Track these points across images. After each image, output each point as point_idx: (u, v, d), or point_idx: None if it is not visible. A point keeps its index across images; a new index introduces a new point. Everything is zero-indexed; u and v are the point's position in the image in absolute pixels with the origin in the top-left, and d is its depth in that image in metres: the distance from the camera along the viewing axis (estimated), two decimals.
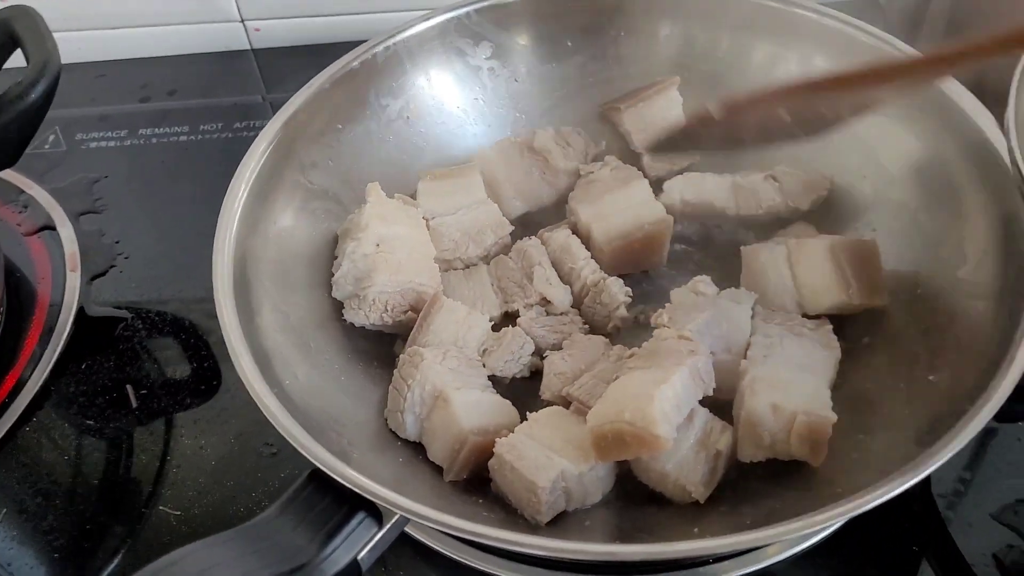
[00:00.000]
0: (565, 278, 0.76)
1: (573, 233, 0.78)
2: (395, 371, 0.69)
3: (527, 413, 0.66)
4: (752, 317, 0.70)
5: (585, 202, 0.79)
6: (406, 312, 0.73)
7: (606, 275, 0.75)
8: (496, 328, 0.74)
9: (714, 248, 0.81)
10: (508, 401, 0.69)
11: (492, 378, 0.71)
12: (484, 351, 0.72)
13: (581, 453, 0.61)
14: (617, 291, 0.73)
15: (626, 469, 0.65)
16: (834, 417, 0.61)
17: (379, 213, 0.74)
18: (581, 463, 0.61)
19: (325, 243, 0.77)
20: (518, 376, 0.72)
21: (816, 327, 0.70)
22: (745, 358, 0.66)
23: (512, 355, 0.71)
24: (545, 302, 0.75)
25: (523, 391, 0.72)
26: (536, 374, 0.72)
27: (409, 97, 0.84)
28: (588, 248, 0.77)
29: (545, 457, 0.61)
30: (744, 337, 0.68)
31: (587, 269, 0.75)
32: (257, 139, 0.74)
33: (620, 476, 0.65)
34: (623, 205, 0.77)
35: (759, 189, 0.78)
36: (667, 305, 0.70)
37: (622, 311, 0.74)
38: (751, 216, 0.79)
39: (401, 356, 0.70)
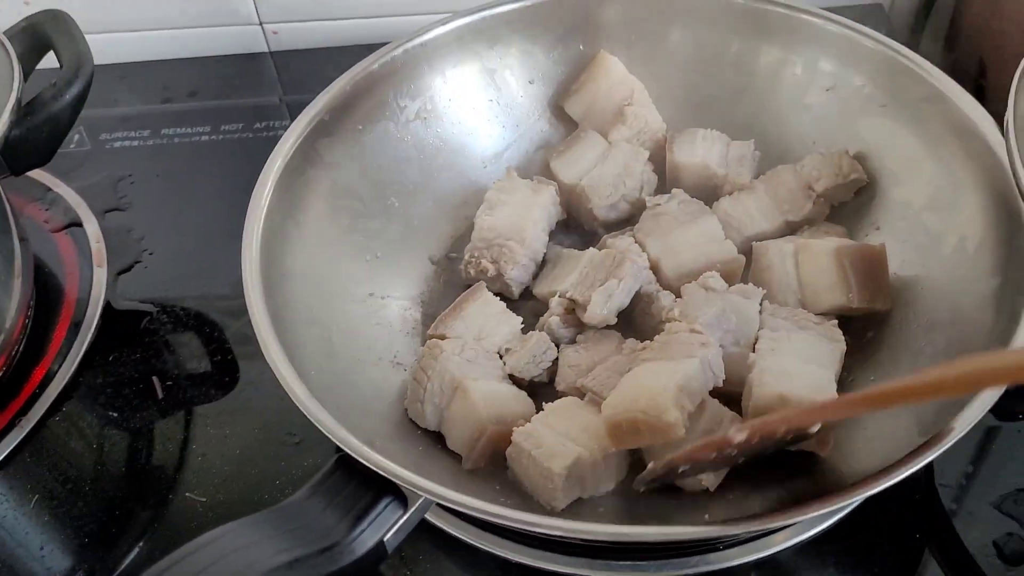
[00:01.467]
0: None
1: None
2: (415, 362, 0.71)
3: (543, 404, 0.68)
4: (760, 312, 0.72)
5: (653, 236, 0.78)
6: (493, 263, 0.78)
7: (659, 287, 0.75)
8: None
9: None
10: (524, 392, 0.71)
11: (511, 377, 0.73)
12: (507, 351, 0.74)
13: (596, 441, 0.63)
14: (666, 304, 0.73)
15: (639, 458, 0.67)
16: None
17: (501, 185, 0.83)
18: (596, 451, 0.63)
19: (347, 239, 0.79)
20: (536, 380, 0.74)
21: (821, 321, 0.71)
22: (754, 351, 0.68)
23: (533, 359, 0.73)
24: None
25: (538, 386, 0.74)
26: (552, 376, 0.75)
27: (426, 99, 0.86)
28: (657, 281, 0.77)
29: (561, 445, 0.63)
30: (753, 331, 0.70)
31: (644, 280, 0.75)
32: (283, 137, 0.76)
33: (633, 464, 0.67)
34: (694, 241, 0.77)
35: (802, 206, 0.79)
36: (678, 300, 0.72)
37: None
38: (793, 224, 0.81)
39: (421, 348, 0.72)
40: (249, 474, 0.74)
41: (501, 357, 0.74)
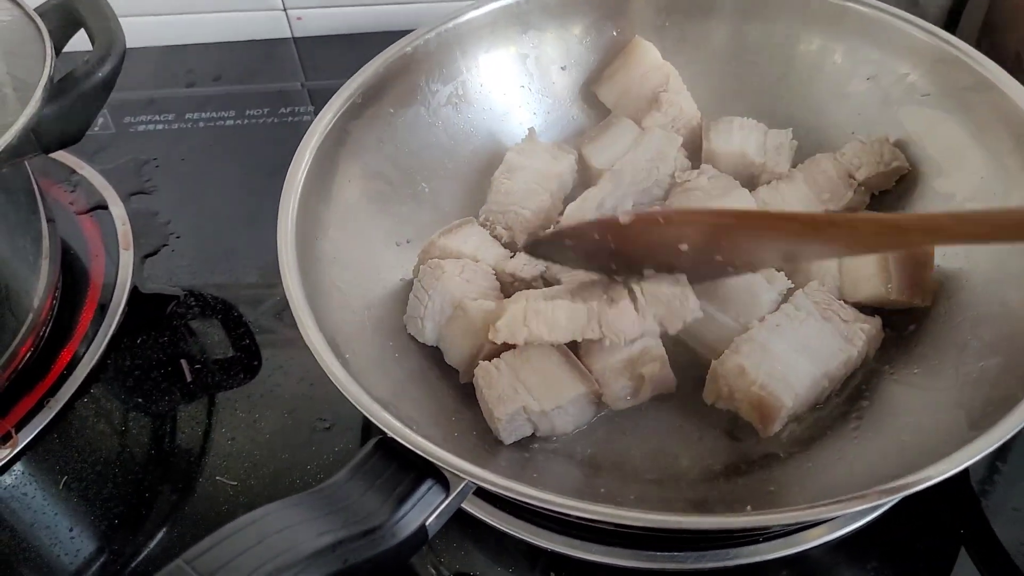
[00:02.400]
0: None
1: None
2: (415, 280, 0.74)
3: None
4: (799, 290, 0.71)
5: None
6: (507, 229, 0.79)
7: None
8: None
9: None
10: None
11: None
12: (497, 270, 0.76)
13: (551, 392, 0.67)
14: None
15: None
16: (788, 404, 0.65)
17: (521, 148, 0.83)
18: (546, 402, 0.66)
19: (378, 224, 0.78)
20: (534, 285, 0.75)
21: (852, 319, 0.70)
22: (761, 321, 0.69)
23: (528, 261, 0.76)
24: None
25: None
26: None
27: (458, 83, 0.85)
28: None
29: (512, 391, 0.66)
30: (757, 314, 0.70)
31: None
32: (316, 120, 0.75)
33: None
34: None
35: (842, 195, 0.78)
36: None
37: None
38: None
39: (422, 267, 0.74)
40: (280, 459, 0.73)
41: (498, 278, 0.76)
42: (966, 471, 0.70)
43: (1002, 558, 0.67)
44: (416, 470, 0.55)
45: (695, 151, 0.84)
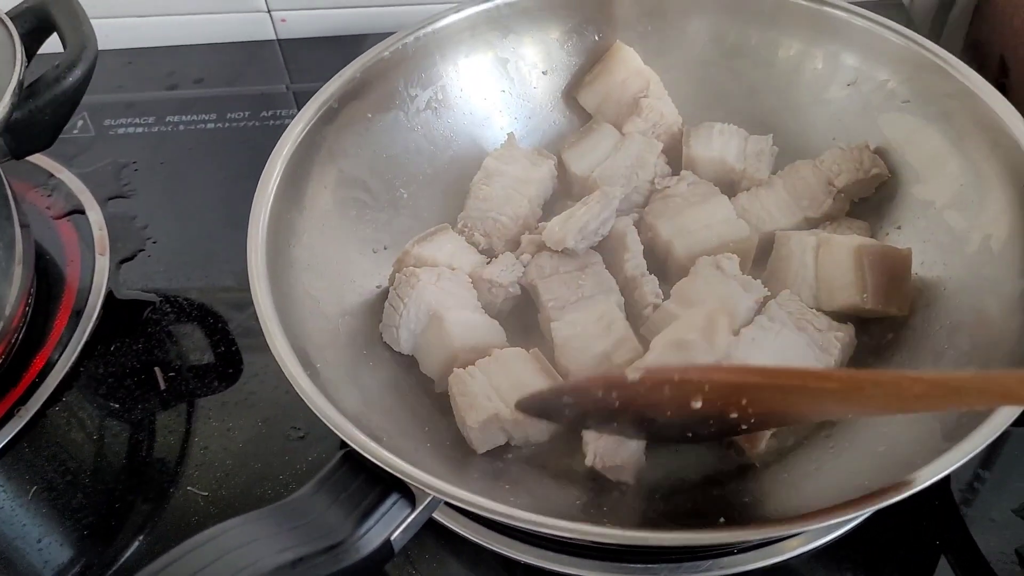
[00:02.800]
0: (614, 266, 0.76)
1: (651, 248, 0.78)
2: (391, 288, 0.73)
3: (493, 351, 0.69)
4: (767, 300, 0.71)
5: (664, 217, 0.78)
6: (485, 236, 0.79)
7: (645, 272, 0.74)
8: None
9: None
10: (496, 322, 0.73)
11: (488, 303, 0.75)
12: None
13: None
14: (648, 291, 0.73)
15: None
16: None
17: (500, 154, 0.82)
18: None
19: (355, 230, 0.78)
20: (511, 291, 0.75)
21: (827, 329, 0.69)
22: (737, 334, 0.68)
23: (505, 267, 0.75)
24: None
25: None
26: (528, 304, 0.76)
27: (437, 88, 0.84)
28: (667, 263, 0.77)
29: (485, 398, 0.66)
30: (734, 323, 0.69)
31: (632, 263, 0.74)
32: (291, 125, 0.74)
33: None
34: (705, 222, 0.76)
35: (821, 201, 0.78)
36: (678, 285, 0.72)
37: (649, 311, 0.73)
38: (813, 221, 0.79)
39: (397, 276, 0.73)
40: (252, 468, 0.72)
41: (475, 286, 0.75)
42: (947, 479, 0.70)
43: (983, 568, 0.66)
44: (382, 484, 0.54)
45: (676, 157, 0.84)
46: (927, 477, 0.53)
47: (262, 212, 0.69)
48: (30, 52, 0.73)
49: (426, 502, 0.54)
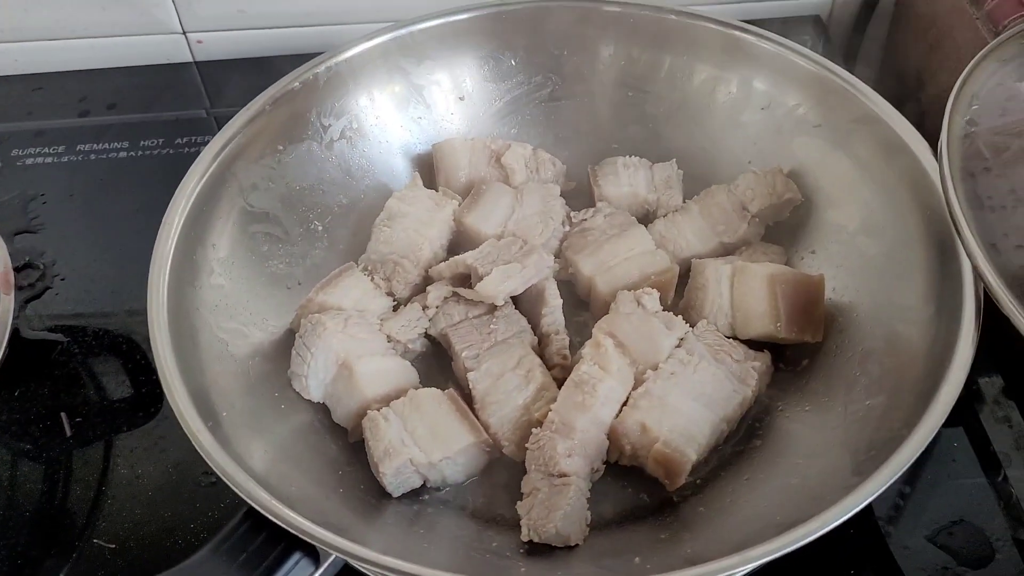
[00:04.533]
0: (531, 318, 0.75)
1: (573, 283, 0.78)
2: (297, 336, 0.71)
3: (409, 391, 0.68)
4: (688, 331, 0.71)
5: (584, 253, 0.77)
6: (386, 280, 0.77)
7: (560, 330, 0.73)
8: None
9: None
10: (407, 362, 0.72)
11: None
12: (382, 321, 0.74)
13: (438, 443, 0.65)
14: (555, 351, 0.72)
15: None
16: (692, 458, 0.64)
17: (403, 195, 0.80)
18: (434, 453, 0.65)
19: (266, 267, 0.76)
20: (413, 346, 0.74)
21: (744, 359, 0.70)
22: (655, 369, 0.68)
23: (408, 322, 0.74)
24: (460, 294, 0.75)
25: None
26: (438, 348, 0.75)
27: (351, 117, 0.83)
28: (590, 300, 0.77)
29: (399, 442, 0.65)
30: (654, 360, 0.69)
31: (548, 319, 0.73)
32: (195, 163, 0.72)
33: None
34: (625, 255, 0.75)
35: (737, 227, 0.78)
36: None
37: (556, 372, 0.72)
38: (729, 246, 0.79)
39: (303, 322, 0.71)
40: (162, 518, 0.70)
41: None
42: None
43: None
44: (286, 541, 0.53)
45: (570, 194, 0.84)
46: (832, 520, 0.53)
47: (165, 253, 0.67)
48: None
49: (330, 560, 0.53)
